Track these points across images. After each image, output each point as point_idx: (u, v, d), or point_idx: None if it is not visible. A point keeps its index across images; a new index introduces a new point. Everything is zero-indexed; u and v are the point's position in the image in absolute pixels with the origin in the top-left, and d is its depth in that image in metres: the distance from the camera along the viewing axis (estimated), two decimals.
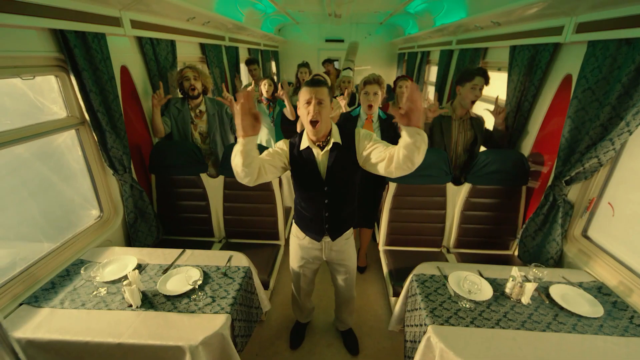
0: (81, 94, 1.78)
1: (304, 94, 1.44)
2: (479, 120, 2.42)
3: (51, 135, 1.77)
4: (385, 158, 1.39)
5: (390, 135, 2.30)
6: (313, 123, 1.43)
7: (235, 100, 2.51)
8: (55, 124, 1.77)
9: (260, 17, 5.34)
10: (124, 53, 2.19)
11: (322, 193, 1.59)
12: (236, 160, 1.34)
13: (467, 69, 2.39)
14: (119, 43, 2.13)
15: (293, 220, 1.83)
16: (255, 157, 1.36)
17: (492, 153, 2.22)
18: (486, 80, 2.24)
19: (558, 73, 2.07)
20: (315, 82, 1.44)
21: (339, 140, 1.52)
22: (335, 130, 1.54)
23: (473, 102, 2.29)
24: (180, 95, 2.56)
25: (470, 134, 2.40)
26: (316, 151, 1.53)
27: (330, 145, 1.51)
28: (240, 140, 1.29)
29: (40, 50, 1.62)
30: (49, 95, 1.80)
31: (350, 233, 1.79)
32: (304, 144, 1.53)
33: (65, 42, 1.66)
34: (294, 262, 1.88)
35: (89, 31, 1.75)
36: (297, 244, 1.81)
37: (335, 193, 1.60)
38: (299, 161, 1.55)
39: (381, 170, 1.42)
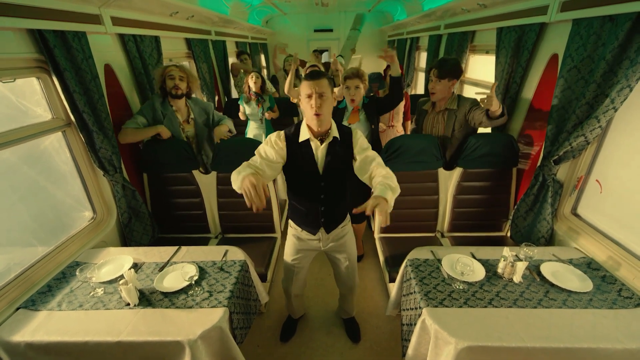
0: (65, 95, 1.75)
1: (304, 88, 1.43)
2: (462, 109, 2.27)
3: (37, 138, 1.74)
4: (368, 174, 1.51)
5: (373, 112, 2.39)
6: (317, 115, 1.43)
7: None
8: (41, 127, 1.75)
9: (247, 9, 5.25)
10: (106, 51, 2.15)
11: (318, 188, 1.58)
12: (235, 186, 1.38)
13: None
14: (101, 41, 2.09)
15: (288, 215, 1.82)
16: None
17: (482, 136, 2.23)
18: (439, 72, 2.20)
19: (544, 53, 2.07)
20: (315, 75, 1.43)
21: (337, 135, 1.53)
22: (334, 125, 1.54)
23: (433, 94, 2.29)
24: (158, 92, 2.33)
25: (443, 126, 2.34)
26: (315, 145, 1.52)
27: (330, 139, 1.51)
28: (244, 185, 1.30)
29: (19, 52, 1.59)
30: (31, 97, 1.77)
31: (347, 221, 1.79)
32: (304, 136, 1.51)
33: (45, 42, 1.62)
34: (290, 255, 1.85)
35: (69, 30, 1.71)
36: (295, 236, 1.80)
37: (331, 188, 1.60)
38: (297, 154, 1.53)
39: (364, 180, 1.55)
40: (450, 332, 1.29)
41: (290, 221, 1.81)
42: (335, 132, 1.53)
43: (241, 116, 3.38)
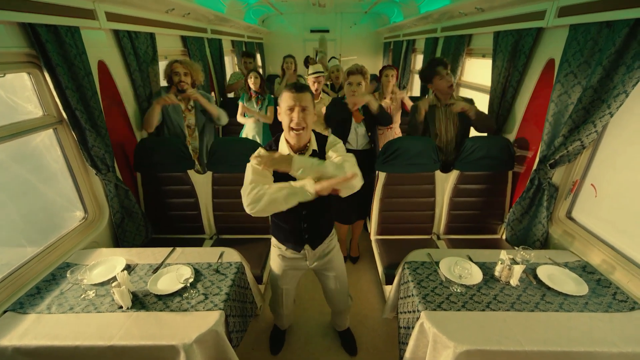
0: (57, 92, 1.71)
1: (286, 100, 1.37)
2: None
3: (27, 135, 1.69)
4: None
5: (370, 119, 2.40)
6: (297, 130, 1.38)
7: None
8: (31, 124, 1.70)
9: (243, 8, 5.21)
10: (100, 47, 2.10)
11: (300, 204, 1.44)
12: (274, 207, 1.33)
13: (425, 68, 2.47)
14: (95, 37, 2.05)
15: (271, 232, 1.73)
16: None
17: (479, 139, 2.25)
18: (445, 66, 2.35)
19: (541, 58, 2.09)
20: (299, 88, 1.37)
21: (316, 148, 1.48)
22: (313, 138, 1.50)
23: (450, 87, 2.35)
24: (165, 84, 2.53)
25: (458, 120, 2.41)
26: None
27: (309, 153, 1.46)
28: (308, 190, 1.29)
29: (10, 46, 1.54)
30: (22, 93, 1.72)
31: (332, 235, 1.73)
32: (282, 151, 1.46)
33: (37, 36, 1.57)
34: (276, 276, 1.77)
35: (61, 24, 1.67)
36: (279, 256, 1.71)
37: (314, 202, 1.45)
38: (276, 170, 1.44)
39: None
40: (449, 335, 1.28)
41: (273, 240, 1.72)
42: (314, 145, 1.48)
43: (239, 118, 3.33)
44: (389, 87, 3.11)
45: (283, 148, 1.47)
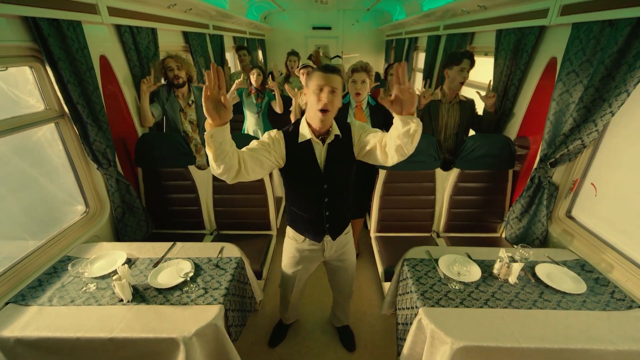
0: (59, 86, 1.71)
1: (316, 79, 1.34)
2: (468, 104, 2.46)
3: (29, 129, 1.70)
4: (377, 146, 1.35)
5: (379, 120, 2.32)
6: (323, 112, 1.34)
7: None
8: (33, 118, 1.70)
9: (245, 4, 5.21)
10: (102, 42, 2.10)
11: (321, 191, 1.50)
12: (209, 155, 1.17)
13: (455, 52, 2.44)
14: (97, 31, 2.05)
15: (287, 223, 1.71)
16: (230, 151, 1.17)
17: (479, 137, 2.24)
18: (472, 63, 2.30)
19: (543, 56, 2.08)
20: (330, 69, 1.34)
21: (339, 133, 1.45)
22: (334, 123, 1.46)
23: (461, 84, 2.35)
24: (163, 82, 2.54)
25: (459, 117, 2.42)
26: (317, 145, 1.44)
27: (332, 138, 1.43)
28: (207, 130, 1.13)
29: (12, 39, 1.54)
30: (24, 87, 1.73)
31: (349, 228, 1.72)
32: (304, 136, 1.42)
33: (39, 30, 1.58)
34: (289, 267, 1.76)
35: (64, 19, 1.67)
36: (295, 248, 1.69)
37: (335, 190, 1.52)
38: (297, 156, 1.44)
39: (378, 157, 1.37)
40: (447, 331, 1.29)
41: (289, 230, 1.69)
42: (336, 130, 1.45)
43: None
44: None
45: (305, 132, 1.43)
